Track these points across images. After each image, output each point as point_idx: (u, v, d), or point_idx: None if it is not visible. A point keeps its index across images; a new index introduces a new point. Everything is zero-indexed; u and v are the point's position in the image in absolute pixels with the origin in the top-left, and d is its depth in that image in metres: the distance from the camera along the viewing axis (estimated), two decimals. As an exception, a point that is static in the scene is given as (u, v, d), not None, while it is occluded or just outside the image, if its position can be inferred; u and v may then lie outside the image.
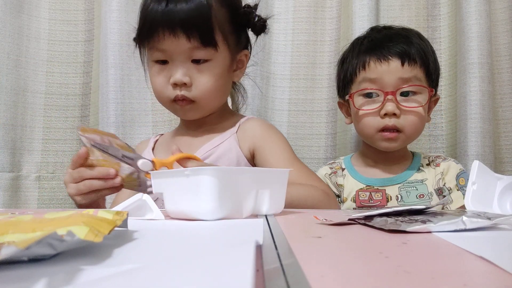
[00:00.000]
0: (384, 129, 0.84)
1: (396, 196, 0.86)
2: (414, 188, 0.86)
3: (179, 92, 0.79)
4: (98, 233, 0.25)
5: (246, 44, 0.89)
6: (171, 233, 0.37)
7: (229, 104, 0.96)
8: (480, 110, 0.99)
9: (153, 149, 0.90)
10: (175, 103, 0.81)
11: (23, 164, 1.11)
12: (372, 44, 0.87)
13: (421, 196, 0.86)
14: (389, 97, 0.82)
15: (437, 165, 0.89)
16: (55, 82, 1.15)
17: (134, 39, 0.86)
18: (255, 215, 0.49)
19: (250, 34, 0.90)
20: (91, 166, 0.67)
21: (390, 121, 0.83)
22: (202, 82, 0.80)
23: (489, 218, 0.37)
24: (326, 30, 1.12)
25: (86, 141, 0.66)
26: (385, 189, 0.87)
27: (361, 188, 0.88)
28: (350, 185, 0.90)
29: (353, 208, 0.87)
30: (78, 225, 0.26)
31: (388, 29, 0.91)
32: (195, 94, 0.80)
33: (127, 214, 0.35)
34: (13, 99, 1.10)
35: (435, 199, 0.85)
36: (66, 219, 0.29)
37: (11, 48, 1.10)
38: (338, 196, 0.91)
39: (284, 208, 0.53)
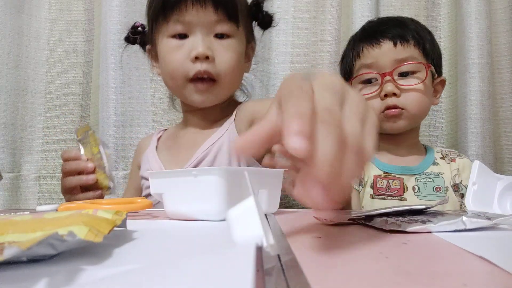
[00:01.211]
0: (386, 109, 0.84)
1: (413, 187, 0.85)
2: (431, 180, 0.85)
3: (201, 67, 0.73)
4: (98, 233, 0.25)
5: (253, 38, 0.87)
6: (170, 233, 0.37)
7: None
8: (480, 110, 0.99)
9: (156, 147, 0.87)
10: (192, 84, 0.75)
11: (23, 164, 1.11)
12: (366, 32, 0.88)
13: (438, 188, 0.85)
14: (387, 78, 0.82)
15: (452, 160, 0.88)
16: (55, 82, 1.15)
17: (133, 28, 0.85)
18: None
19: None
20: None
21: (391, 101, 0.83)
22: (226, 57, 0.75)
23: (489, 218, 0.37)
24: (326, 30, 1.12)
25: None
26: (402, 178, 0.86)
27: (379, 174, 0.87)
28: (368, 170, 0.88)
29: (370, 195, 0.86)
30: (78, 225, 0.26)
31: (382, 18, 0.93)
32: (218, 70, 0.75)
33: (126, 214, 0.35)
34: (13, 99, 1.10)
35: (451, 194, 0.84)
36: (66, 219, 0.29)
37: (11, 48, 1.10)
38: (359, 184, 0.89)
39: None
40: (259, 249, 0.27)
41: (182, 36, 0.76)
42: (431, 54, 0.87)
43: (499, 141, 1.04)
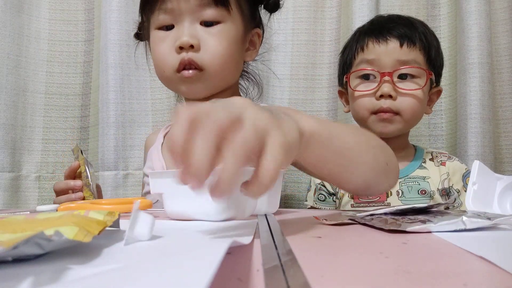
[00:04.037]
0: (378, 112, 0.82)
1: (397, 191, 0.83)
2: (416, 183, 0.83)
3: (186, 56, 0.70)
4: (87, 233, 0.25)
5: (259, 23, 0.82)
6: (162, 232, 0.37)
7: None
8: (480, 110, 0.99)
9: (162, 144, 0.83)
10: (179, 74, 0.71)
11: (23, 164, 1.11)
12: (373, 26, 0.86)
13: (423, 192, 0.83)
14: (386, 78, 0.80)
15: (442, 164, 0.86)
16: (55, 82, 1.15)
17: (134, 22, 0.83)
18: (255, 215, 0.49)
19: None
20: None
21: (385, 103, 0.81)
22: (213, 45, 0.71)
23: (489, 218, 0.37)
24: (326, 30, 1.12)
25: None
26: None
27: None
28: None
29: (351, 205, 0.85)
30: (68, 226, 0.26)
31: (392, 15, 0.90)
32: (204, 58, 0.71)
33: (119, 215, 0.35)
34: (13, 99, 1.10)
35: (437, 199, 0.83)
36: (57, 220, 0.29)
37: (11, 48, 1.10)
38: (334, 194, 0.89)
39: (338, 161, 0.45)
40: (259, 249, 0.27)
41: (170, 27, 0.73)
42: (435, 62, 0.85)
43: (499, 141, 1.04)
